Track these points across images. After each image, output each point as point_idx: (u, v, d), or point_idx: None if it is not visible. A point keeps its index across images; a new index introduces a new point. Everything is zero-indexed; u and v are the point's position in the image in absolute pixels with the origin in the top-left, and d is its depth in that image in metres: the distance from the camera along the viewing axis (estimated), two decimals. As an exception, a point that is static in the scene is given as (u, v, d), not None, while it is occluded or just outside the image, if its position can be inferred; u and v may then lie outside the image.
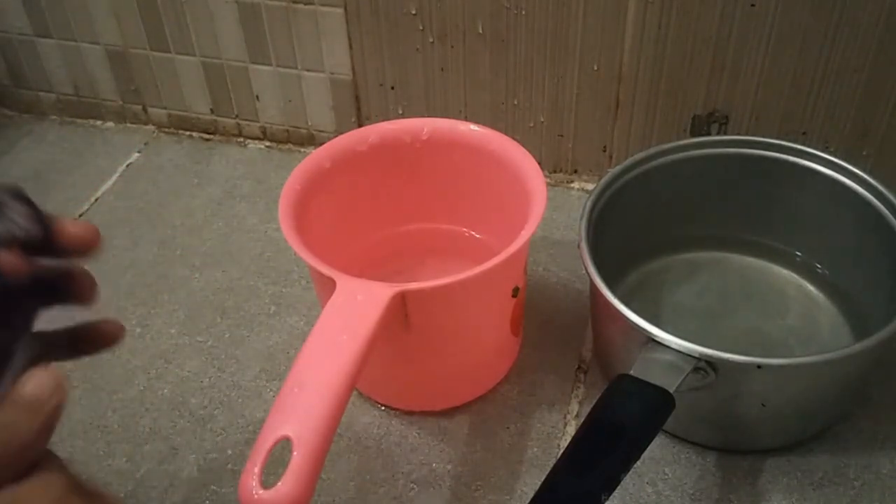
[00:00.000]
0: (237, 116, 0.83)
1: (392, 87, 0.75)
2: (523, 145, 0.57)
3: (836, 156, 0.58)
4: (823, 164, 0.59)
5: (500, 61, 0.71)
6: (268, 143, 0.83)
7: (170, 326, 0.65)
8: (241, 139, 0.84)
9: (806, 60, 0.64)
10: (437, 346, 0.54)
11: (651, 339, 0.49)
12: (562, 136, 0.74)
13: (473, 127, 0.59)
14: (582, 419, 0.47)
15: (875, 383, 0.56)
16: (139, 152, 0.83)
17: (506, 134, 0.58)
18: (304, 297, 0.66)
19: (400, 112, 0.76)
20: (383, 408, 0.58)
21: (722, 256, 0.65)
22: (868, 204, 0.57)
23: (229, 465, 0.54)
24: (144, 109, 0.85)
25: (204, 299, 0.67)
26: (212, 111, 0.83)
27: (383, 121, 0.61)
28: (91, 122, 0.88)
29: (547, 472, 0.44)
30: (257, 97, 0.80)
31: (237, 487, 0.41)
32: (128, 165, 0.82)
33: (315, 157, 0.58)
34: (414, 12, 0.70)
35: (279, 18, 0.74)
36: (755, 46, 0.64)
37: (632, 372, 0.47)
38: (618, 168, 0.60)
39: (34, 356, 0.32)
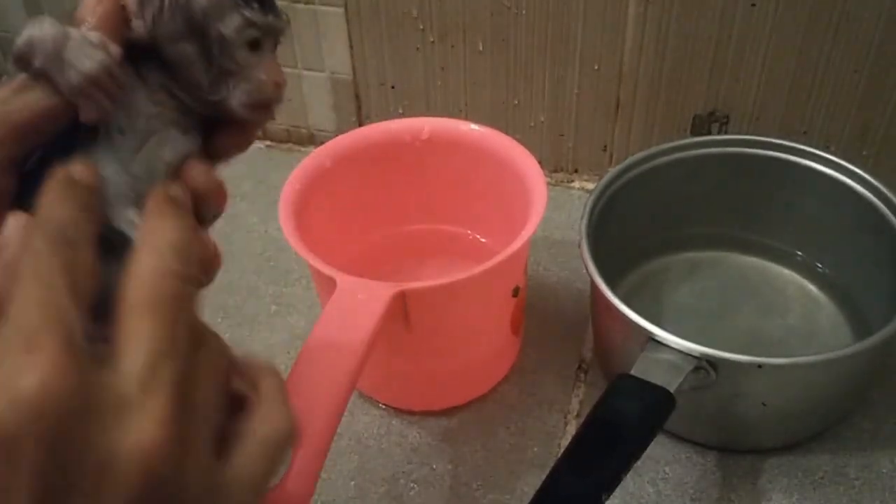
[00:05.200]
0: (237, 116, 0.83)
1: (392, 87, 0.75)
2: (523, 145, 0.57)
3: (836, 155, 0.58)
4: (824, 164, 0.59)
5: (500, 61, 0.71)
6: (268, 143, 0.83)
7: (170, 326, 0.64)
8: (242, 139, 0.84)
9: (806, 60, 0.64)
10: (437, 345, 0.54)
11: (651, 339, 0.49)
12: (562, 135, 0.74)
13: (474, 126, 0.59)
14: (582, 419, 0.47)
15: (875, 383, 0.56)
16: (139, 152, 0.83)
17: (506, 133, 0.58)
18: (304, 296, 0.66)
19: (400, 112, 0.76)
20: (383, 407, 0.58)
21: (722, 256, 0.65)
22: (868, 204, 0.57)
23: (229, 465, 0.54)
24: None
25: (204, 299, 0.66)
26: (212, 111, 0.83)
27: (383, 120, 0.61)
28: (91, 121, 0.88)
29: (547, 472, 0.44)
30: (257, 97, 0.80)
31: (237, 487, 0.41)
32: (128, 165, 0.82)
33: (315, 156, 0.58)
34: (415, 12, 0.70)
35: (279, 18, 0.74)
36: (755, 46, 0.64)
37: (632, 372, 0.47)
38: (618, 168, 0.60)
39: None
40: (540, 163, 0.55)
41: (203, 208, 0.31)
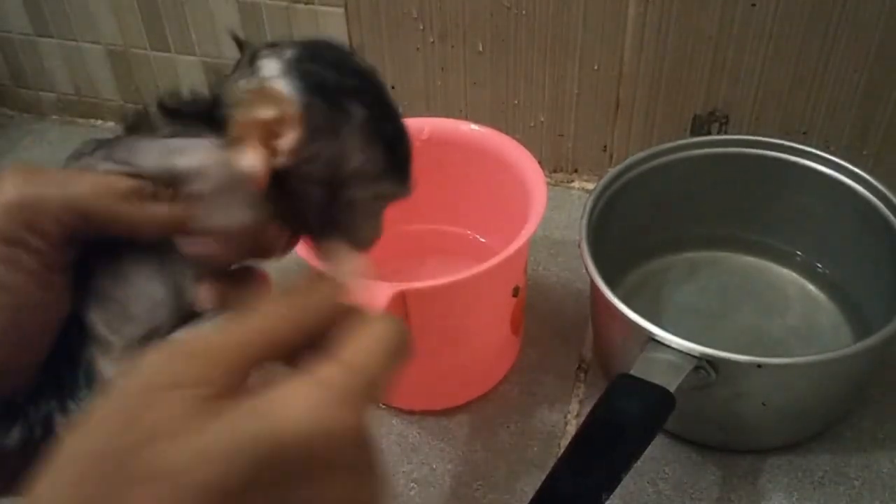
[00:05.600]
0: (237, 116, 0.83)
1: (392, 87, 0.75)
2: (523, 145, 0.57)
3: (836, 155, 0.58)
4: (824, 164, 0.59)
5: (500, 61, 0.71)
6: (268, 143, 0.83)
7: (170, 326, 0.64)
8: (242, 139, 0.84)
9: (806, 60, 0.64)
10: (437, 345, 0.54)
11: (651, 339, 0.49)
12: (562, 135, 0.74)
13: (474, 126, 0.59)
14: (582, 419, 0.47)
15: (875, 383, 0.56)
16: (139, 152, 0.83)
17: (506, 134, 0.58)
18: (304, 296, 0.66)
19: (400, 111, 0.76)
20: (383, 407, 0.58)
21: (722, 256, 0.65)
22: (868, 203, 0.57)
23: (230, 465, 0.54)
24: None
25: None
26: (212, 111, 0.83)
27: (383, 120, 0.61)
28: (92, 121, 0.88)
29: (547, 472, 0.44)
30: (257, 97, 0.80)
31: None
32: (128, 165, 0.82)
33: (315, 156, 0.58)
34: (415, 12, 0.70)
35: (279, 18, 0.74)
36: (755, 46, 0.64)
37: (632, 371, 0.47)
38: (618, 168, 0.60)
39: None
40: (540, 163, 0.55)
41: None
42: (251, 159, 0.29)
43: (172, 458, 0.21)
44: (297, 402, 0.22)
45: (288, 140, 0.29)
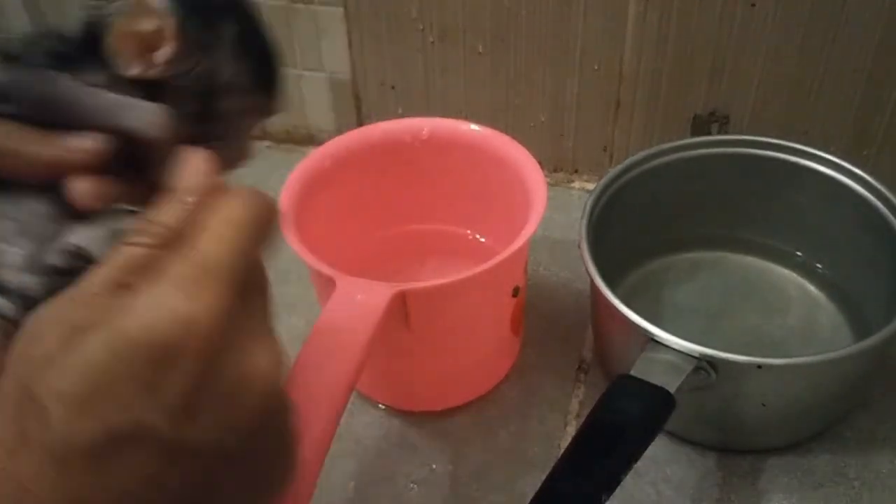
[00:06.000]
0: (237, 116, 0.83)
1: (392, 87, 0.75)
2: (523, 145, 0.57)
3: (836, 155, 0.58)
4: (824, 164, 0.59)
5: (500, 61, 0.71)
6: (268, 143, 0.83)
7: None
8: (241, 139, 0.84)
9: (806, 60, 0.64)
10: (437, 345, 0.54)
11: (651, 339, 0.49)
12: (562, 135, 0.74)
13: (474, 126, 0.59)
14: (582, 419, 0.47)
15: (875, 383, 0.56)
16: (139, 152, 0.83)
17: (506, 134, 0.58)
18: (303, 297, 0.66)
19: (400, 112, 0.76)
20: (383, 408, 0.58)
21: (722, 256, 0.65)
22: (868, 204, 0.57)
23: (229, 465, 0.54)
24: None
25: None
26: (212, 111, 0.83)
27: (383, 120, 0.61)
28: (91, 121, 0.88)
29: (547, 472, 0.44)
30: (257, 97, 0.80)
31: (237, 487, 0.41)
32: (128, 165, 0.82)
33: (315, 156, 0.58)
34: (414, 13, 0.70)
35: (279, 18, 0.74)
36: (755, 46, 0.64)
37: (632, 372, 0.47)
38: (618, 168, 0.60)
39: None
40: (540, 163, 0.55)
41: None
42: (133, 69, 0.31)
43: (51, 380, 0.23)
44: (142, 306, 0.24)
45: (164, 52, 0.31)
